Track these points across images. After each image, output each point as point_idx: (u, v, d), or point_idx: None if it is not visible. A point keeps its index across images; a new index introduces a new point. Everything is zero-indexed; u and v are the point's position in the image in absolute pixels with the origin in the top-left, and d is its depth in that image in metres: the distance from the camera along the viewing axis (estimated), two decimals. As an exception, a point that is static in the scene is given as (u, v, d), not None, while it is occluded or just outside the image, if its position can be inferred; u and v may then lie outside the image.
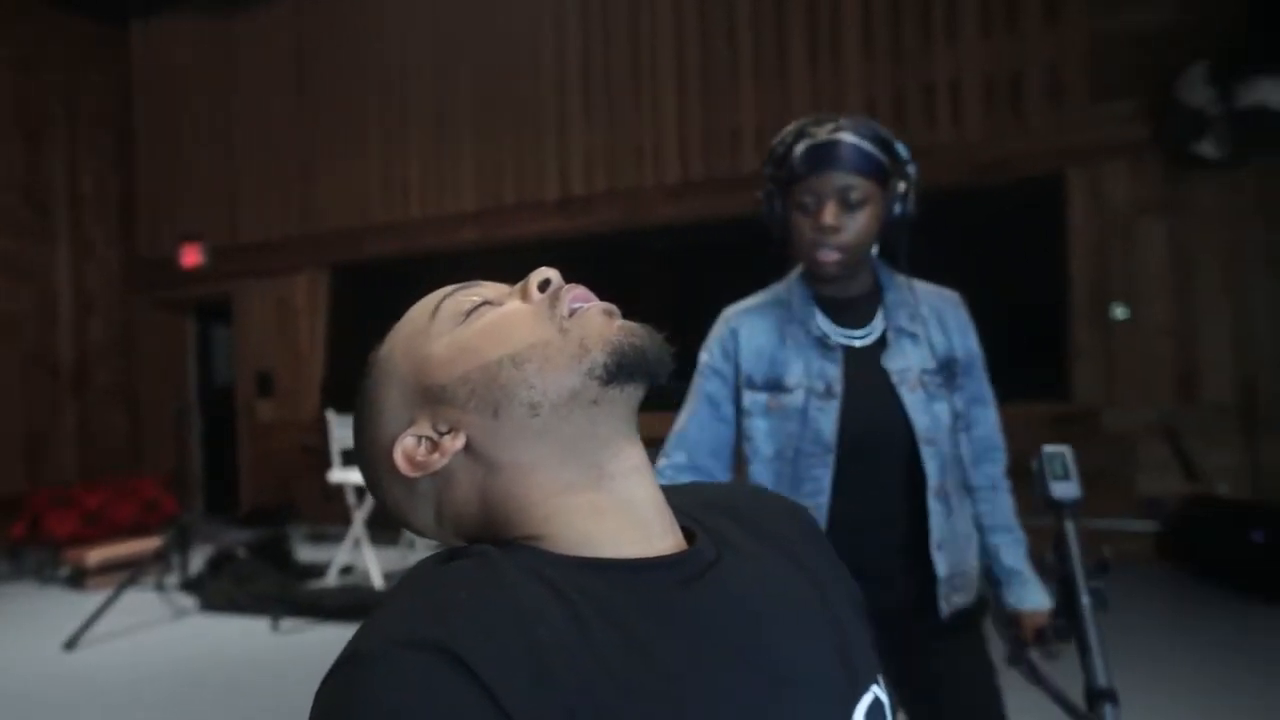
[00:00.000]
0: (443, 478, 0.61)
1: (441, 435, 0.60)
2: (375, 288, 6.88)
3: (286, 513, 6.83)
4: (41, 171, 7.13)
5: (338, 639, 0.50)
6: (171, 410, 7.38)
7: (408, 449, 0.60)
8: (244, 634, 4.15)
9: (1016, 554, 1.45)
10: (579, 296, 0.61)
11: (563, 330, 0.59)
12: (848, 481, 1.38)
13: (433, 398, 0.61)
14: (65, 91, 7.31)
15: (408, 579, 0.54)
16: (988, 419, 1.48)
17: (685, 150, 5.91)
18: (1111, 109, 4.80)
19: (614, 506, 0.59)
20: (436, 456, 0.60)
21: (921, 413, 1.38)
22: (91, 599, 4.64)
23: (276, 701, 3.20)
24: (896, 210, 1.37)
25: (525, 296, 0.62)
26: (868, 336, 1.42)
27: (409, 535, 4.75)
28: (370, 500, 4.70)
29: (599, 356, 0.58)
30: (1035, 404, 4.62)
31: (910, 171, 1.38)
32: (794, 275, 1.49)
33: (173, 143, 7.74)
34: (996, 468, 1.49)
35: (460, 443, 0.59)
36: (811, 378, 1.40)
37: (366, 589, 4.61)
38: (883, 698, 0.63)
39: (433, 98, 6.74)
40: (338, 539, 5.44)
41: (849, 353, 1.41)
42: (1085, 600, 1.07)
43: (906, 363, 1.40)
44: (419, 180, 6.80)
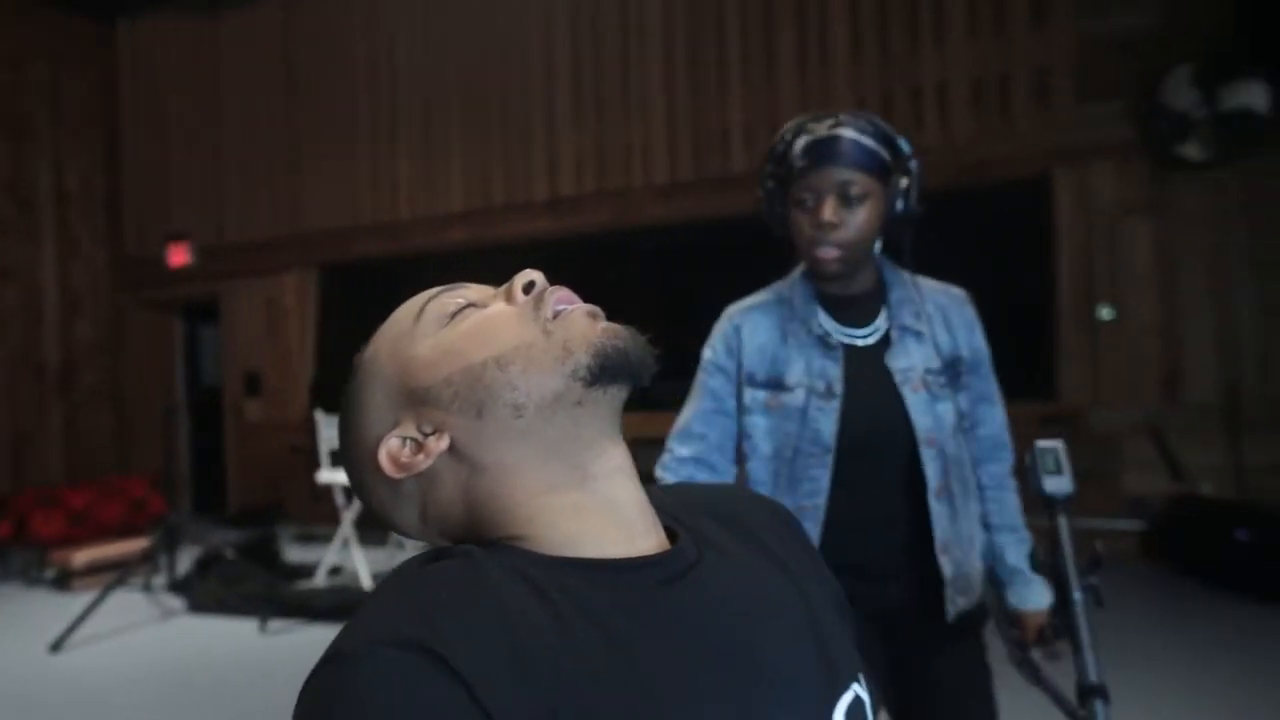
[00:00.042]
0: (427, 479, 0.61)
1: (426, 436, 0.60)
2: (364, 288, 6.87)
3: (275, 513, 6.80)
4: (27, 170, 7.07)
5: (326, 640, 0.50)
6: (159, 410, 7.34)
7: (392, 450, 0.61)
8: (232, 635, 4.13)
9: (1020, 553, 1.45)
10: (563, 299, 0.62)
11: (546, 332, 0.60)
12: (848, 481, 1.36)
13: (417, 399, 0.61)
14: (51, 89, 7.26)
15: (392, 579, 0.54)
16: (994, 418, 1.47)
17: (674, 151, 5.91)
18: (1097, 111, 4.83)
19: (597, 507, 0.59)
20: (421, 458, 0.60)
21: (923, 413, 1.36)
22: (78, 600, 4.62)
23: (265, 702, 3.20)
24: (898, 207, 1.35)
25: (510, 299, 0.63)
26: (871, 335, 1.41)
27: (397, 536, 4.74)
28: (359, 500, 4.69)
29: (582, 358, 0.58)
30: (1022, 404, 4.62)
31: (913, 167, 1.36)
32: (796, 273, 1.47)
33: (160, 141, 7.70)
34: (1003, 467, 1.48)
35: (444, 444, 0.60)
36: (812, 377, 1.39)
37: (355, 590, 4.60)
38: (863, 695, 0.63)
39: (421, 97, 6.73)
40: (326, 539, 5.43)
41: (851, 352, 1.40)
42: (1077, 596, 1.07)
43: (910, 362, 1.38)
44: (408, 180, 6.78)
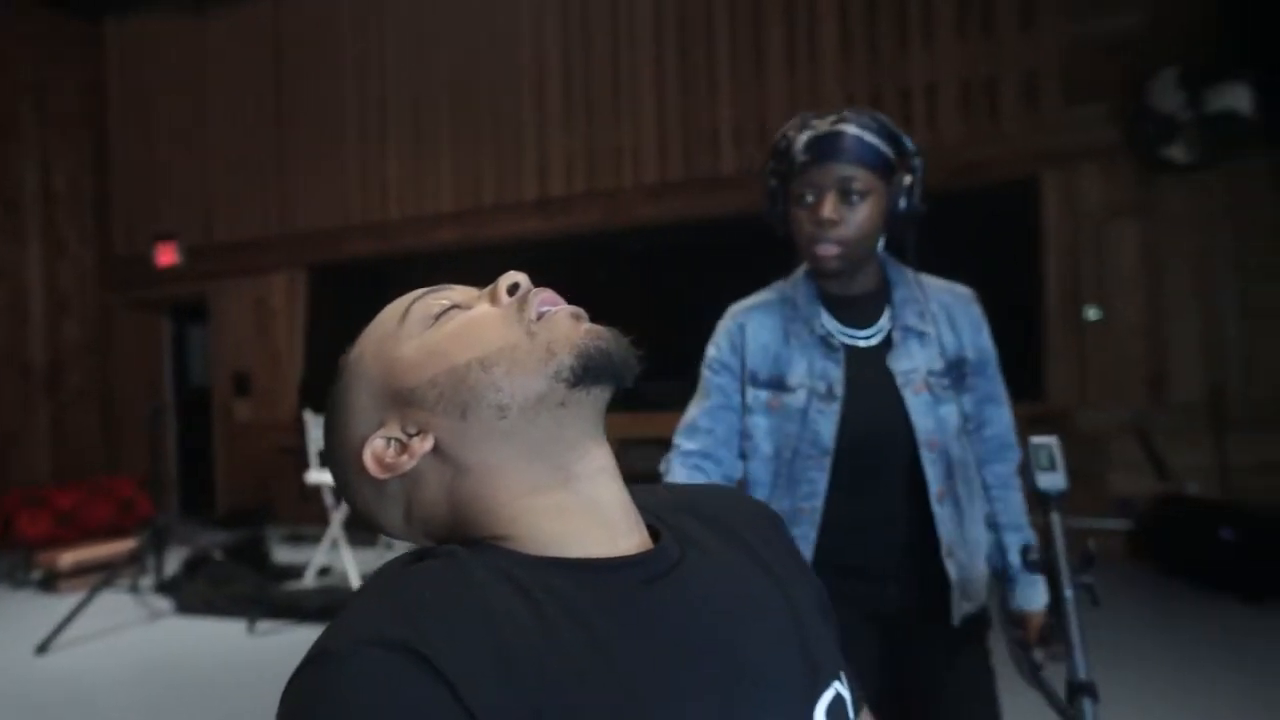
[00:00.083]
0: (411, 479, 0.62)
1: (410, 437, 0.61)
2: (353, 288, 6.85)
3: (263, 514, 6.78)
4: (13, 169, 7.03)
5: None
6: (147, 410, 7.31)
7: (377, 451, 0.61)
8: (220, 636, 4.11)
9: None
10: (547, 300, 0.62)
11: (530, 334, 0.60)
12: (848, 482, 1.35)
13: (402, 400, 0.61)
14: (37, 88, 7.21)
15: (375, 579, 0.54)
16: (1001, 418, 1.46)
17: (664, 151, 5.92)
18: (1084, 113, 4.87)
19: (580, 507, 0.60)
20: (405, 458, 0.60)
21: (925, 416, 1.35)
22: (64, 602, 4.59)
23: (253, 704, 3.19)
24: (901, 205, 1.33)
25: (494, 300, 0.63)
26: (874, 336, 1.39)
27: (386, 536, 4.73)
28: (345, 501, 4.68)
29: (566, 359, 0.59)
30: (1010, 404, 4.67)
31: (917, 165, 1.34)
32: (800, 272, 1.45)
33: (148, 141, 7.66)
34: (1008, 467, 1.46)
35: (429, 444, 0.60)
36: (814, 378, 1.37)
37: (344, 590, 4.59)
38: (844, 694, 0.64)
39: (411, 97, 6.72)
40: (315, 540, 5.41)
41: (853, 353, 1.38)
42: (1068, 594, 1.07)
43: (913, 364, 1.36)
44: (397, 180, 6.77)
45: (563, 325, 0.60)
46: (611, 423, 0.64)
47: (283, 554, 5.69)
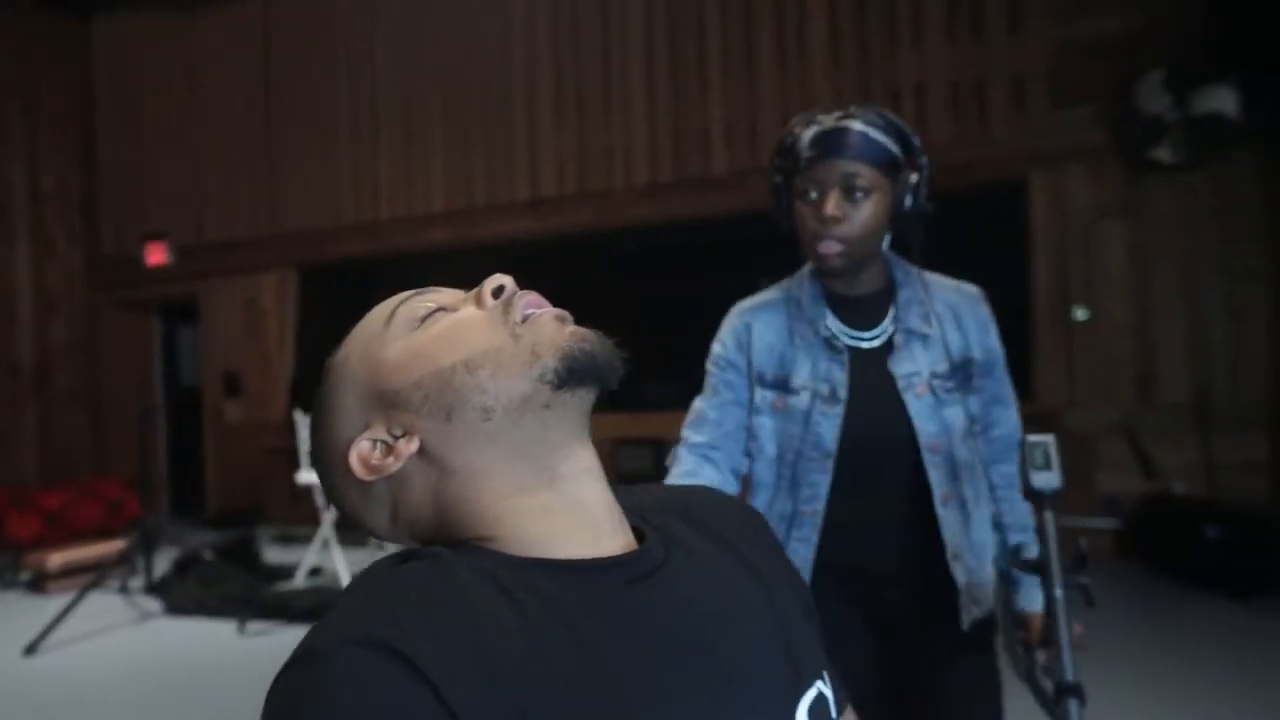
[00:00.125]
0: (397, 481, 0.62)
1: (396, 439, 0.61)
2: (344, 288, 6.84)
3: (254, 514, 6.76)
4: (0, 170, 7.00)
5: (307, 642, 0.51)
6: (136, 411, 7.29)
7: (363, 453, 0.61)
8: (210, 637, 4.10)
9: (1030, 555, 1.39)
10: (532, 303, 0.62)
11: (515, 336, 0.60)
12: (851, 484, 1.34)
13: (387, 402, 0.61)
14: (25, 88, 7.18)
15: (361, 580, 0.55)
16: (1008, 419, 1.43)
17: (655, 151, 5.93)
18: (1072, 115, 4.89)
19: (565, 508, 0.60)
20: (391, 460, 0.61)
21: (927, 419, 1.33)
22: (53, 603, 4.57)
23: (244, 704, 3.18)
24: (907, 203, 1.31)
25: (479, 303, 0.63)
26: (877, 338, 1.37)
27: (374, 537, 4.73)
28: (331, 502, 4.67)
29: (550, 362, 0.59)
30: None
31: (924, 163, 1.33)
32: (805, 271, 1.43)
33: (137, 140, 7.63)
34: (1015, 467, 1.42)
35: (414, 446, 0.60)
36: (818, 380, 1.35)
37: (335, 591, 4.57)
38: (826, 693, 0.64)
39: (402, 97, 6.71)
40: (306, 540, 5.40)
41: (856, 354, 1.36)
42: (1059, 594, 1.07)
43: (915, 367, 1.34)
44: (388, 180, 6.76)
45: (547, 328, 0.61)
46: (605, 423, 0.65)
47: (273, 554, 5.67)
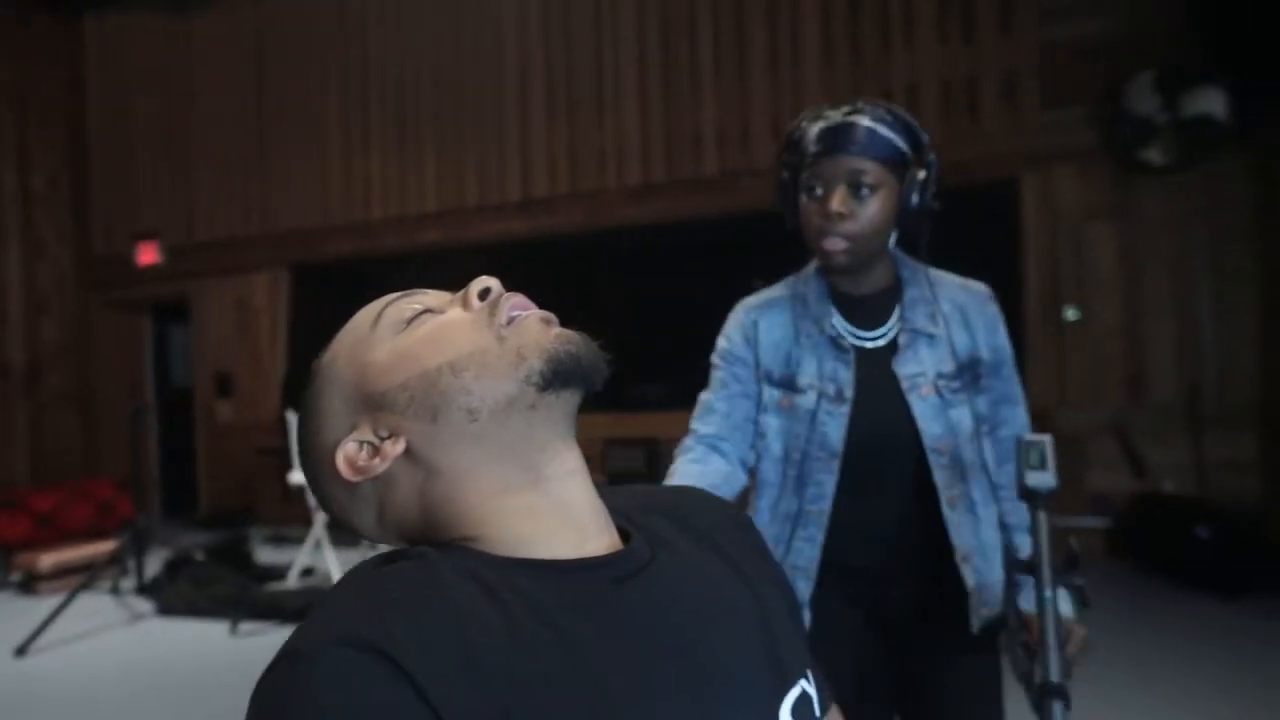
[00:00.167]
0: (383, 481, 0.62)
1: (382, 440, 0.61)
2: (336, 288, 6.82)
3: (246, 515, 6.75)
4: (-10, 168, 6.98)
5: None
6: (127, 411, 7.26)
7: (349, 454, 0.62)
8: (202, 638, 4.09)
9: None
10: (518, 305, 0.63)
11: (500, 338, 0.60)
12: (857, 484, 1.32)
13: (374, 404, 0.62)
14: (15, 87, 7.13)
15: (347, 579, 0.55)
16: (1017, 418, 1.41)
17: (647, 152, 5.93)
18: (1062, 116, 4.91)
19: (550, 508, 0.60)
20: (377, 461, 0.61)
21: (933, 420, 1.31)
22: (44, 604, 4.56)
23: (236, 706, 3.16)
24: (914, 200, 1.29)
25: (466, 305, 0.64)
26: (881, 338, 1.35)
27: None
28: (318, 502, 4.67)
29: (535, 364, 0.59)
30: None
31: (932, 160, 1.30)
32: (810, 268, 1.42)
33: (128, 139, 7.60)
34: None
35: (400, 448, 0.61)
36: (824, 380, 1.34)
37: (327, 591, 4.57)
38: (810, 691, 0.65)
39: (394, 97, 6.70)
40: (298, 541, 5.39)
41: (862, 354, 1.35)
42: (1048, 594, 1.06)
43: (920, 367, 1.32)
44: (380, 180, 6.75)
45: (533, 330, 0.61)
46: (596, 423, 0.66)
47: (265, 555, 5.66)
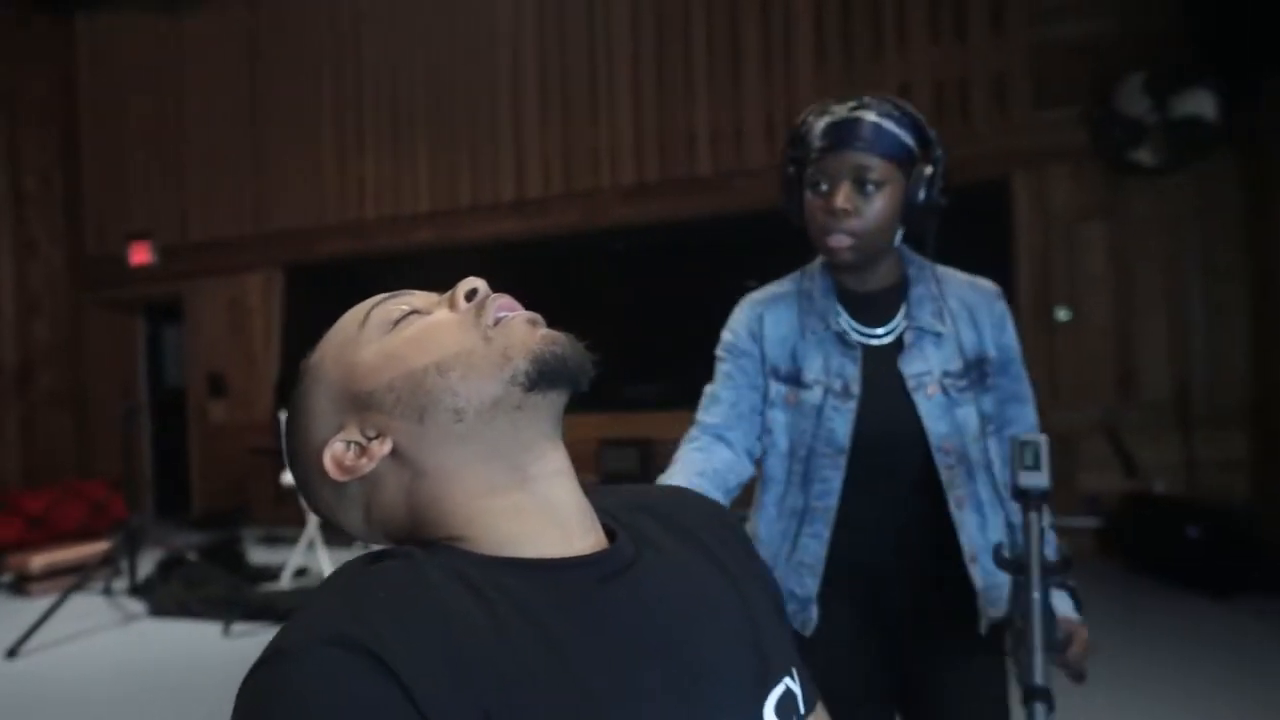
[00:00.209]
0: (370, 481, 0.62)
1: (369, 440, 0.61)
2: (330, 288, 6.81)
3: (239, 515, 6.73)
4: (-18, 168, 6.95)
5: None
6: (120, 411, 7.24)
7: (336, 454, 0.62)
8: (195, 638, 4.08)
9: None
10: (504, 306, 0.63)
11: (487, 339, 0.61)
12: (863, 481, 1.31)
13: (361, 404, 0.62)
14: (7, 86, 7.11)
15: (332, 579, 0.55)
16: (1025, 418, 1.39)
17: (640, 152, 5.93)
18: (1054, 116, 4.93)
19: (535, 507, 0.61)
20: (364, 461, 0.61)
21: (938, 420, 1.29)
22: (36, 605, 4.54)
23: (229, 707, 3.16)
24: (920, 196, 1.27)
25: (452, 306, 0.64)
26: (887, 335, 1.34)
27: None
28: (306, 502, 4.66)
29: (521, 364, 0.60)
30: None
31: (939, 155, 1.29)
32: (816, 264, 1.40)
33: (120, 139, 7.58)
34: None
35: (387, 448, 0.61)
36: (830, 375, 1.32)
37: (320, 592, 4.56)
38: (795, 689, 0.65)
39: (388, 97, 6.69)
40: (291, 541, 5.38)
41: (868, 351, 1.33)
42: (1036, 596, 1.05)
43: (926, 366, 1.31)
44: (374, 180, 6.74)
45: (518, 330, 0.61)
46: (590, 423, 0.66)
47: (259, 555, 5.65)
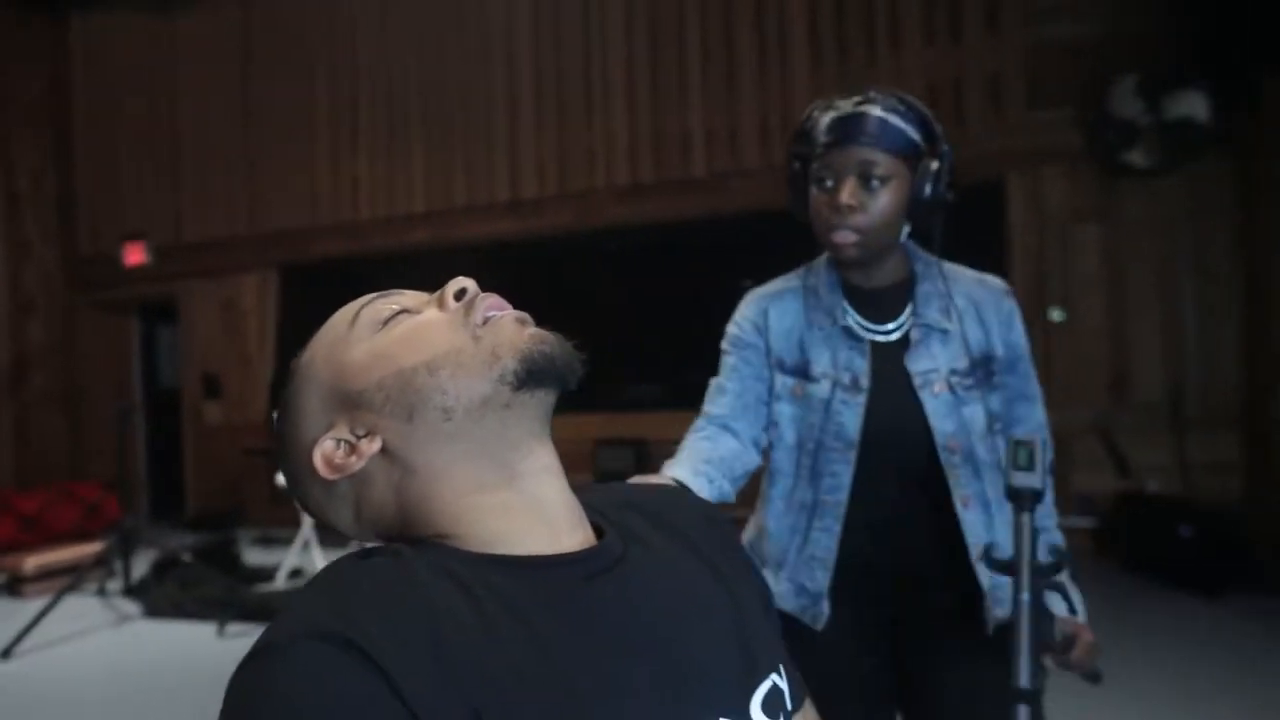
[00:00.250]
0: (360, 479, 0.63)
1: (359, 439, 0.62)
2: (325, 288, 6.80)
3: (234, 516, 6.72)
4: (-26, 168, 6.94)
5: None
6: (114, 411, 7.22)
7: (326, 452, 0.62)
8: (190, 639, 4.07)
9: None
10: (493, 305, 0.63)
11: (476, 338, 0.61)
12: (870, 478, 1.30)
13: (350, 403, 0.62)
14: (0, 85, 7.11)
15: (321, 576, 0.56)
16: (1032, 416, 1.37)
17: (635, 153, 5.94)
18: (1048, 118, 4.94)
19: (523, 505, 0.61)
20: (354, 459, 0.62)
21: (945, 418, 1.28)
22: (29, 606, 4.53)
23: (221, 707, 3.16)
24: (926, 191, 1.25)
25: (442, 305, 0.64)
26: (894, 332, 1.32)
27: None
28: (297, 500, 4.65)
29: (510, 363, 0.60)
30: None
31: (945, 150, 1.28)
32: (822, 260, 1.39)
33: (114, 139, 7.57)
34: None
35: (376, 446, 0.61)
36: (838, 369, 1.31)
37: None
38: (781, 685, 0.66)
39: (383, 97, 6.69)
40: (286, 542, 5.37)
41: (874, 347, 1.32)
42: (1025, 597, 1.04)
43: (933, 363, 1.29)
44: (368, 180, 6.74)
45: (507, 330, 0.62)
46: (586, 423, 0.66)
47: (254, 556, 5.63)
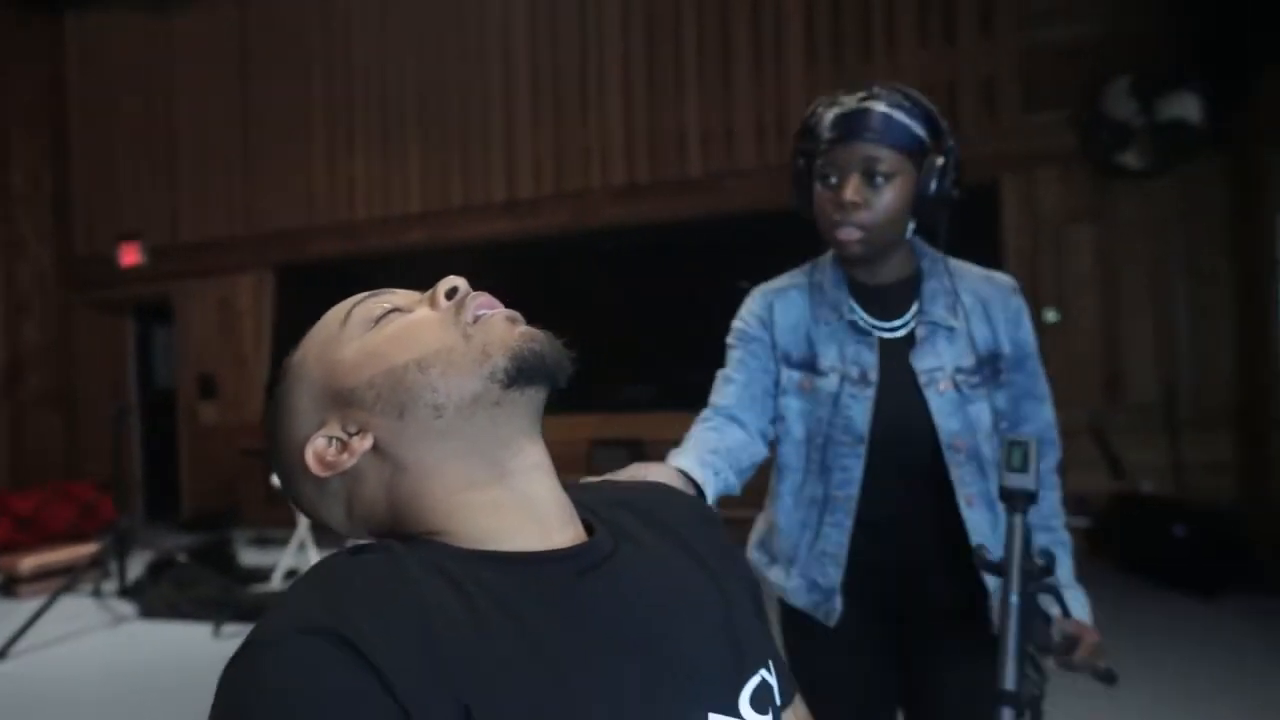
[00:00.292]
0: (352, 477, 0.63)
1: (350, 436, 0.62)
2: (321, 288, 6.76)
3: (229, 516, 6.72)
4: (-29, 168, 6.93)
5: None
6: (110, 412, 7.21)
7: (318, 449, 0.63)
8: (185, 640, 4.07)
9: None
10: (484, 304, 0.64)
11: (466, 336, 0.62)
12: (877, 474, 1.29)
13: (342, 400, 0.63)
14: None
15: (312, 572, 0.56)
16: (1040, 415, 1.35)
17: (631, 153, 5.95)
18: (1042, 119, 4.96)
19: (514, 502, 0.62)
20: (345, 456, 0.62)
21: (950, 416, 1.27)
22: (25, 606, 4.52)
23: (216, 707, 3.16)
24: (931, 187, 1.24)
25: (433, 304, 0.65)
26: (900, 329, 1.32)
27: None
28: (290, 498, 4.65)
29: (500, 361, 0.60)
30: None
31: (951, 146, 1.27)
32: (827, 256, 1.39)
33: (110, 139, 7.56)
34: (1045, 464, 1.34)
35: (368, 443, 0.62)
36: (846, 363, 1.31)
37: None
38: (770, 681, 0.66)
39: (379, 97, 6.69)
40: (282, 542, 5.37)
41: (883, 342, 1.31)
42: (1013, 600, 1.03)
43: (938, 361, 1.29)
44: (365, 180, 6.74)
45: (498, 328, 0.62)
46: (582, 423, 0.67)
47: (250, 556, 5.63)
